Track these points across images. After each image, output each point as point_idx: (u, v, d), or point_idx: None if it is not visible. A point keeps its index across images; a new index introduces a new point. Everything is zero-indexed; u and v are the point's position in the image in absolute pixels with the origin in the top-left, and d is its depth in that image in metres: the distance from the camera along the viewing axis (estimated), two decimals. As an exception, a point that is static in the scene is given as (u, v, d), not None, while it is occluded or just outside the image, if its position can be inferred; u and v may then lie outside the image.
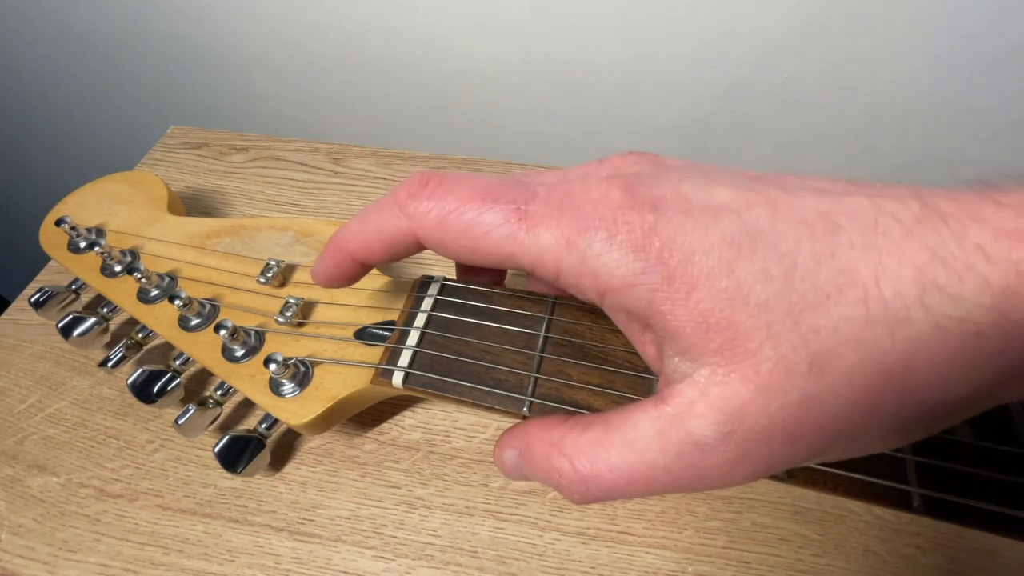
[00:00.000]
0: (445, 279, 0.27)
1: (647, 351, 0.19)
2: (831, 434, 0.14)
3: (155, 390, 0.27)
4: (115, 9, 0.59)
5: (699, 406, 0.15)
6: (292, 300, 0.27)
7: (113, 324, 0.30)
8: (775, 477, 0.20)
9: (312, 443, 0.29)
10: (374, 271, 0.29)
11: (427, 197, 0.18)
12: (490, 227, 0.17)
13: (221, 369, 0.26)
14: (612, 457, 0.17)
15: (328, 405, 0.24)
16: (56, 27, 0.63)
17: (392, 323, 0.26)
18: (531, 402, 0.22)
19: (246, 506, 0.28)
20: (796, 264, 0.14)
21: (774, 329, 0.14)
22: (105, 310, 0.30)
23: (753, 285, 0.14)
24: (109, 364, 0.28)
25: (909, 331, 0.13)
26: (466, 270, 0.26)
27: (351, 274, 0.22)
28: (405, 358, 0.24)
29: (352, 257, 0.21)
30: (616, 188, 0.16)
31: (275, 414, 0.25)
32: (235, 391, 0.26)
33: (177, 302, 0.26)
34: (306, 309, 0.27)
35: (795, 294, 0.14)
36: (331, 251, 0.21)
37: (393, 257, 0.21)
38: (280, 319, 0.26)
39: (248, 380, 0.26)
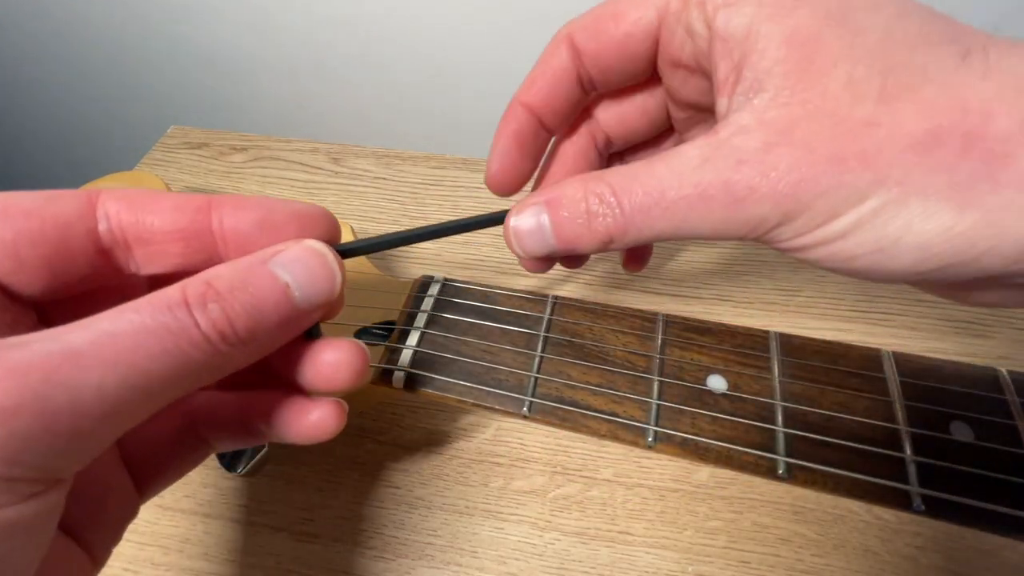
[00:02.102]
0: (446, 279, 0.27)
1: (700, 99, 0.19)
2: (882, 165, 0.14)
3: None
4: (115, 9, 0.59)
5: (752, 126, 0.15)
6: (292, 300, 0.27)
7: (113, 324, 0.30)
8: (776, 477, 0.20)
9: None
10: (374, 271, 0.29)
11: None
12: None
13: (221, 369, 0.26)
14: (650, 177, 0.16)
15: (328, 405, 0.24)
16: (56, 27, 0.63)
17: (392, 323, 0.26)
18: (531, 402, 0.22)
19: (246, 506, 0.28)
20: (907, 11, 0.15)
21: (857, 51, 0.15)
22: (105, 310, 0.30)
23: (858, 11, 0.15)
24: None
25: (1000, 86, 0.13)
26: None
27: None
28: (405, 358, 0.24)
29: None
30: None
31: (275, 414, 0.25)
32: (235, 391, 0.26)
33: (177, 302, 0.26)
34: (306, 309, 0.27)
35: (898, 28, 0.14)
36: None
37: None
38: (280, 319, 0.26)
39: (248, 380, 0.26)
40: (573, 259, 0.24)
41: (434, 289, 0.27)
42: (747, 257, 0.35)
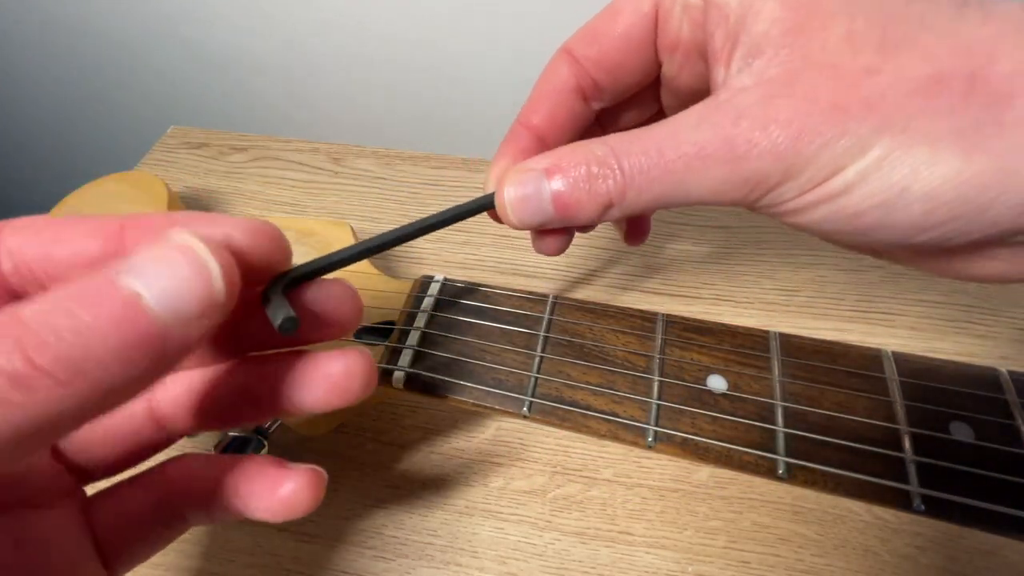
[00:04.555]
0: (446, 279, 0.27)
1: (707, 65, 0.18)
2: (886, 111, 0.14)
3: (155, 390, 0.27)
4: (116, 10, 0.59)
5: (751, 85, 0.15)
6: (292, 300, 0.27)
7: (113, 324, 0.30)
8: (776, 477, 0.20)
9: (312, 443, 0.29)
10: (374, 271, 0.29)
11: None
12: None
13: (221, 369, 0.26)
14: (648, 138, 0.16)
15: (328, 405, 0.24)
16: (56, 27, 0.63)
17: (392, 323, 0.26)
18: (531, 402, 0.22)
19: (246, 506, 0.28)
20: None
21: (854, 5, 0.14)
22: (105, 310, 0.30)
23: None
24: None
25: (1000, 30, 0.13)
26: None
27: None
28: (405, 358, 0.24)
29: None
30: None
31: (275, 414, 0.25)
32: (235, 391, 0.26)
33: (177, 302, 0.26)
34: (306, 309, 0.27)
35: None
36: None
37: None
38: (280, 319, 0.26)
39: (248, 380, 0.26)
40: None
41: (434, 289, 0.27)
42: (747, 257, 0.35)
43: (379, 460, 0.29)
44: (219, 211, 0.40)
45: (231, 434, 0.25)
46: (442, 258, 0.36)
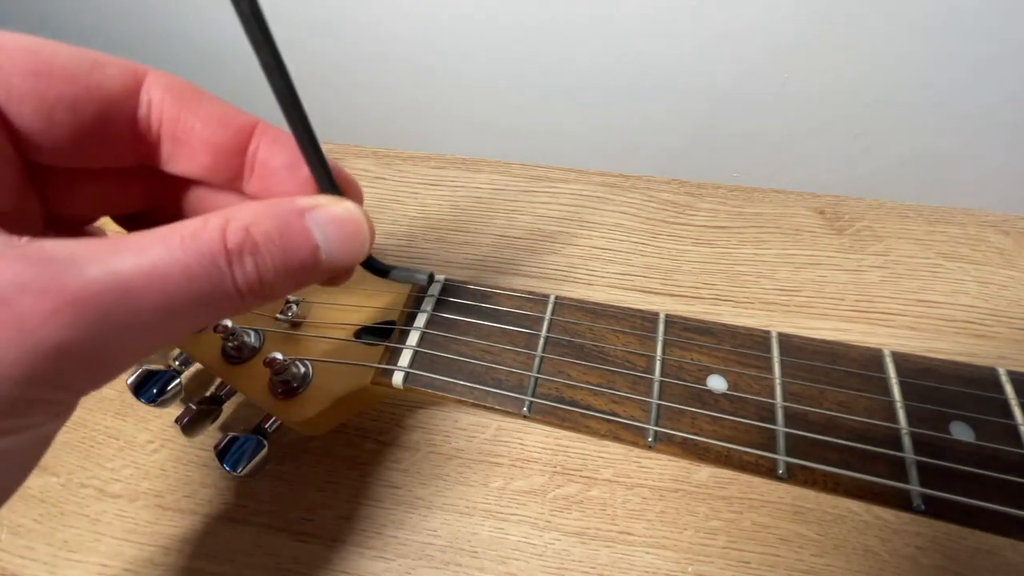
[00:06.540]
0: (446, 279, 0.27)
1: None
2: None
3: (155, 390, 0.27)
4: (115, 9, 0.59)
5: None
6: (292, 300, 0.27)
7: (113, 324, 0.30)
8: (776, 477, 0.20)
9: (312, 443, 0.29)
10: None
11: None
12: None
13: (221, 369, 0.26)
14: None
15: (328, 405, 0.24)
16: (56, 27, 0.63)
17: (392, 323, 0.26)
18: (531, 402, 0.22)
19: (246, 506, 0.28)
20: None
21: None
22: (105, 310, 0.30)
23: None
24: (109, 364, 0.28)
25: None
26: None
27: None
28: (405, 358, 0.24)
29: None
30: None
31: (275, 414, 0.25)
32: (235, 391, 0.26)
33: (177, 302, 0.26)
34: (306, 309, 0.27)
35: None
36: None
37: None
38: (280, 319, 0.26)
39: (248, 380, 0.26)
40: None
41: (434, 289, 0.27)
42: (747, 257, 0.35)
43: (379, 460, 0.29)
44: (219, 211, 0.40)
45: (231, 434, 0.25)
46: (442, 258, 0.36)
